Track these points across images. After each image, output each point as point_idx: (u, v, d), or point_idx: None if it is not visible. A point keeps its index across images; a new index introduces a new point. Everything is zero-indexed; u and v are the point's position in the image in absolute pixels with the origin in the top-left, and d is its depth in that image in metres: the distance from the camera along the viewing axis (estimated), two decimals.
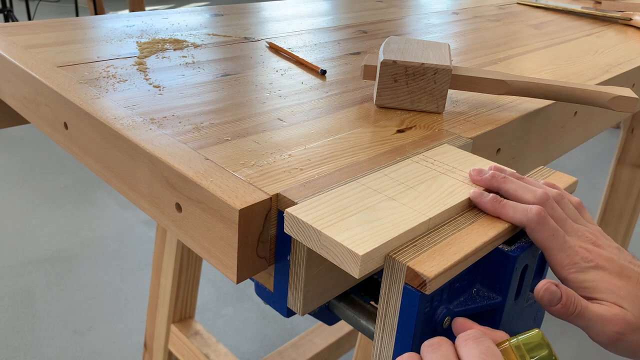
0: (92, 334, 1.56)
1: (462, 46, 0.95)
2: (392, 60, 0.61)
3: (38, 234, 1.97)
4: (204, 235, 0.46)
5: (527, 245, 0.43)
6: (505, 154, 0.66)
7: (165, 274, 1.19)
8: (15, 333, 1.54)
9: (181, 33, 0.88)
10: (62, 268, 1.81)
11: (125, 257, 1.89)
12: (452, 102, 0.68)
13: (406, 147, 0.54)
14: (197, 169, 0.47)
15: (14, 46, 0.74)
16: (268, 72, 0.73)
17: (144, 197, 0.53)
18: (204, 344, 1.21)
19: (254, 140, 0.54)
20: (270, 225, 0.45)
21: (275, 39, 0.90)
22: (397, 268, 0.38)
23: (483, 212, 0.45)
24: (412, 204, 0.43)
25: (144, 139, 0.52)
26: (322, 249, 0.39)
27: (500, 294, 0.43)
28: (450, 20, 1.15)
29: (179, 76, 0.69)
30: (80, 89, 0.62)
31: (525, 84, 0.64)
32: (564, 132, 0.79)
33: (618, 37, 1.10)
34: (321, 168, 0.49)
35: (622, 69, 0.87)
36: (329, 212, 0.41)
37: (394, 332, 0.39)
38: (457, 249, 0.39)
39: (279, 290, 0.48)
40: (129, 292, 1.73)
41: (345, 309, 0.51)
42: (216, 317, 1.67)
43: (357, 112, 0.63)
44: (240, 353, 1.55)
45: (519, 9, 1.35)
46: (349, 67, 0.78)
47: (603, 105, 0.64)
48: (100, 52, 0.75)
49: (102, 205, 2.17)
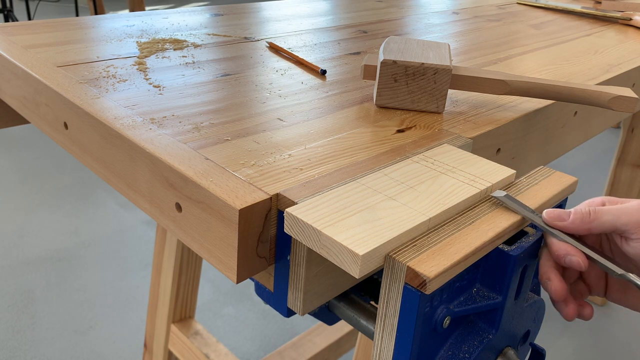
0: (92, 334, 1.56)
1: (462, 46, 0.95)
2: (392, 60, 0.61)
3: (38, 234, 1.97)
4: (204, 235, 0.46)
5: (527, 245, 0.43)
6: (505, 154, 0.66)
7: (165, 274, 1.19)
8: (15, 333, 1.54)
9: (181, 33, 0.88)
10: (62, 268, 1.81)
11: (125, 257, 1.89)
12: (452, 102, 0.68)
13: (406, 147, 0.54)
14: (197, 169, 0.47)
15: (14, 46, 0.74)
16: (268, 72, 0.73)
17: (144, 197, 0.53)
18: (204, 344, 1.21)
19: (254, 140, 0.54)
20: (270, 225, 0.45)
21: (275, 38, 0.90)
22: (397, 268, 0.38)
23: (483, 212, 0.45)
24: (412, 203, 0.43)
25: (144, 138, 0.52)
26: (322, 248, 0.39)
27: (500, 294, 0.43)
28: (450, 20, 1.15)
29: (179, 76, 0.69)
30: (80, 89, 0.62)
31: (525, 84, 0.64)
32: (564, 132, 0.79)
33: (618, 37, 1.10)
34: (321, 168, 0.49)
35: (622, 69, 0.87)
36: (329, 212, 0.41)
37: (394, 332, 0.39)
38: (457, 249, 0.39)
39: (279, 290, 0.48)
40: (129, 292, 1.73)
41: (345, 309, 0.51)
42: (216, 317, 1.67)
43: (357, 112, 0.63)
44: (240, 353, 1.55)
45: (519, 9, 1.35)
46: (349, 67, 0.78)
47: (603, 105, 0.64)
48: (100, 52, 0.75)
49: (102, 205, 2.17)
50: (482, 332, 0.44)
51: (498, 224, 0.43)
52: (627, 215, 0.43)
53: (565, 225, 0.43)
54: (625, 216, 0.43)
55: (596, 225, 0.43)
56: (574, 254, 0.42)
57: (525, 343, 0.51)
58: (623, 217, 0.43)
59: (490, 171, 0.49)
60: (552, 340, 1.67)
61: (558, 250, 0.43)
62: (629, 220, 0.43)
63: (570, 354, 1.63)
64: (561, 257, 0.43)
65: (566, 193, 0.50)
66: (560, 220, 0.44)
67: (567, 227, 0.43)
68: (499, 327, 0.44)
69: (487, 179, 0.48)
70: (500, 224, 0.43)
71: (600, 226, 0.43)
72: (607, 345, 1.68)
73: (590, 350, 1.65)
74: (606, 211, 0.44)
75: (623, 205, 0.44)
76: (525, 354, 0.52)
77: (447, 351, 0.42)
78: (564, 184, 0.50)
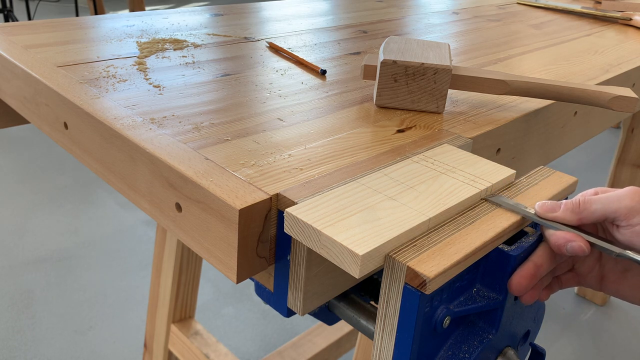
0: (92, 334, 1.56)
1: (462, 46, 0.95)
2: (392, 60, 0.61)
3: (38, 234, 1.97)
4: (204, 235, 0.46)
5: (527, 245, 0.43)
6: (505, 154, 0.66)
7: (165, 274, 1.19)
8: (15, 333, 1.54)
9: (181, 33, 0.88)
10: (62, 268, 1.81)
11: (125, 257, 1.89)
12: (452, 102, 0.68)
13: (406, 147, 0.54)
14: (197, 169, 0.47)
15: (14, 46, 0.74)
16: (268, 72, 0.73)
17: (144, 197, 0.53)
18: (204, 344, 1.21)
19: (254, 140, 0.54)
20: (270, 225, 0.45)
21: (275, 38, 0.90)
22: (397, 268, 0.38)
23: (483, 212, 0.45)
24: (412, 203, 0.43)
25: (144, 139, 0.52)
26: (322, 248, 0.39)
27: (500, 294, 0.43)
28: (450, 20, 1.15)
29: (179, 76, 0.69)
30: (80, 89, 0.62)
31: (525, 84, 0.64)
32: (564, 132, 0.79)
33: (618, 37, 1.10)
34: (321, 168, 0.49)
35: (622, 69, 0.87)
36: (329, 212, 0.41)
37: (394, 332, 0.39)
38: (457, 249, 0.39)
39: (279, 290, 0.48)
40: (129, 292, 1.73)
41: (345, 309, 0.51)
42: (216, 317, 1.67)
43: (357, 112, 0.63)
44: (240, 353, 1.55)
45: (519, 9, 1.35)
46: (349, 67, 0.78)
47: (603, 105, 0.64)
48: (100, 52, 0.75)
49: (102, 205, 2.17)
50: (482, 332, 0.44)
51: (498, 224, 0.43)
52: (616, 202, 0.43)
53: (556, 216, 0.43)
54: (614, 203, 0.43)
55: (586, 215, 0.43)
56: (574, 240, 0.42)
57: (525, 343, 0.51)
58: (612, 204, 0.43)
59: (490, 171, 0.49)
60: (552, 340, 1.67)
61: (557, 240, 0.42)
62: (618, 207, 0.43)
63: (570, 354, 1.63)
64: (562, 245, 0.42)
65: (566, 193, 0.50)
66: (552, 211, 0.44)
67: (558, 218, 0.43)
68: (499, 327, 0.44)
69: (487, 179, 0.48)
70: (500, 224, 0.43)
71: (590, 215, 0.43)
72: (607, 345, 1.68)
73: (590, 350, 1.65)
74: (595, 200, 0.43)
75: (612, 193, 0.44)
76: (525, 354, 0.52)
77: (447, 351, 0.42)
78: (564, 184, 0.50)
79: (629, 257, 0.40)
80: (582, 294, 1.87)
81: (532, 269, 0.43)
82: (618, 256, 0.41)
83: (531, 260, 0.44)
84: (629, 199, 0.43)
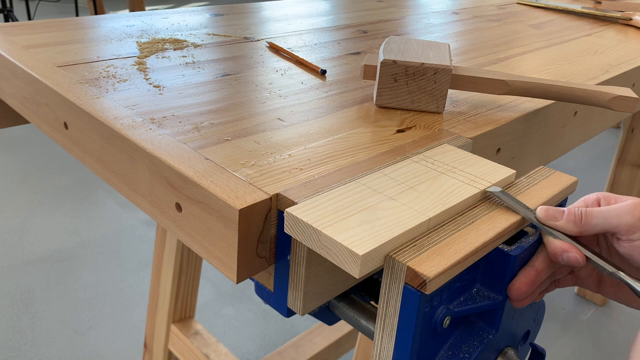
0: (92, 334, 1.56)
1: (462, 46, 0.95)
2: (392, 60, 0.61)
3: (38, 234, 1.97)
4: (204, 235, 0.46)
5: (527, 245, 0.43)
6: (505, 154, 0.66)
7: (165, 274, 1.19)
8: (15, 333, 1.54)
9: (181, 33, 0.88)
10: (62, 268, 1.81)
11: (125, 257, 1.89)
12: (452, 102, 0.68)
13: (406, 147, 0.54)
14: (197, 169, 0.47)
15: (14, 46, 0.74)
16: (268, 72, 0.73)
17: (144, 197, 0.53)
18: (204, 344, 1.21)
19: (254, 140, 0.54)
20: (270, 225, 0.45)
21: (275, 39, 0.90)
22: (397, 268, 0.38)
23: (483, 212, 0.45)
24: (412, 203, 0.43)
25: (144, 139, 0.52)
26: (322, 248, 0.39)
27: (501, 294, 0.43)
28: (450, 20, 1.15)
29: (179, 76, 0.69)
30: (80, 89, 0.62)
31: (525, 84, 0.64)
32: (564, 132, 0.79)
33: (618, 37, 1.10)
34: (321, 168, 0.49)
35: (622, 69, 0.87)
36: (329, 212, 0.41)
37: (394, 332, 0.39)
38: (457, 249, 0.39)
39: (279, 290, 0.48)
40: (129, 292, 1.73)
41: (345, 309, 0.51)
42: (216, 317, 1.67)
43: (357, 112, 0.63)
44: (240, 353, 1.55)
45: (519, 9, 1.35)
46: (349, 67, 0.78)
47: (603, 105, 0.64)
48: (100, 52, 0.75)
49: (102, 205, 2.17)
50: (482, 332, 0.44)
51: (498, 224, 0.43)
52: (616, 217, 0.43)
53: (557, 225, 0.44)
54: (614, 219, 0.43)
55: (587, 228, 0.44)
56: (571, 251, 0.42)
57: (525, 343, 0.51)
58: (612, 220, 0.44)
59: (490, 171, 0.49)
60: (552, 340, 1.67)
61: (555, 249, 0.43)
62: (618, 223, 0.43)
63: (570, 354, 1.63)
64: (558, 254, 0.43)
65: (566, 193, 0.50)
66: (554, 219, 0.44)
67: (559, 227, 0.44)
68: (499, 327, 0.44)
69: (487, 179, 0.48)
70: (500, 224, 0.43)
71: (591, 229, 0.44)
72: (607, 345, 1.68)
73: (590, 350, 1.65)
74: (596, 214, 0.44)
75: (613, 207, 0.44)
76: (525, 354, 0.52)
77: (447, 351, 0.42)
78: (564, 184, 0.50)
79: (620, 278, 0.41)
80: (582, 294, 1.87)
81: (533, 274, 0.43)
82: (610, 275, 0.41)
83: (532, 265, 0.44)
84: (630, 215, 0.43)
